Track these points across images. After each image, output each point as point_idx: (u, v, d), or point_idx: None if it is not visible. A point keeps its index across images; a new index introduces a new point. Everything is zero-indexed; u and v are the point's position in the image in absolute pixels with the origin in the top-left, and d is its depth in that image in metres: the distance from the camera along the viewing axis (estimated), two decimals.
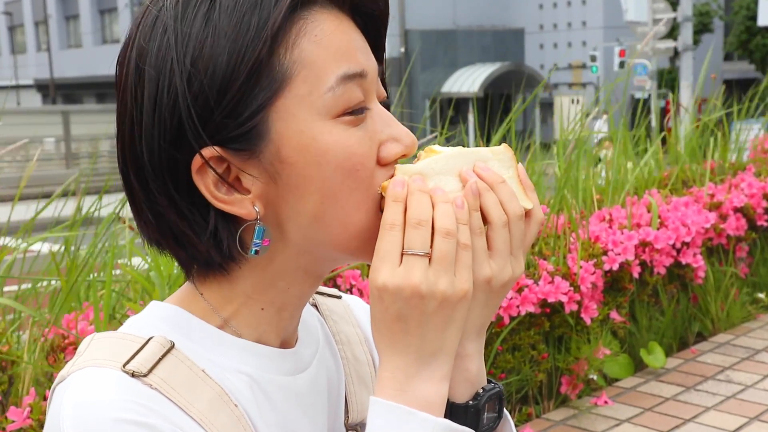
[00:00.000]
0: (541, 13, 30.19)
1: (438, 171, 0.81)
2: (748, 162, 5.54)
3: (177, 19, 0.77)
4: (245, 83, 0.75)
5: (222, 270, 0.83)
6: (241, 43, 0.75)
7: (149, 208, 0.80)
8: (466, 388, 0.85)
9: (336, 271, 3.07)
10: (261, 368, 0.84)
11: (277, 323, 0.86)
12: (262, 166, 0.78)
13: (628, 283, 3.80)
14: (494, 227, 0.81)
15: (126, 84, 0.79)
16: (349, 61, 0.79)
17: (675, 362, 4.18)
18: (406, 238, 0.78)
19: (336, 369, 0.95)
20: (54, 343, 2.44)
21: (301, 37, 0.77)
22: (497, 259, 0.81)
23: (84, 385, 0.76)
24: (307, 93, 0.77)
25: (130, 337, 0.81)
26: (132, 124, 0.78)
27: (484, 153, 0.83)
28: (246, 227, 0.80)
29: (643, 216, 4.11)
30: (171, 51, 0.76)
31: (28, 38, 45.05)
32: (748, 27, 25.85)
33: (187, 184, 0.78)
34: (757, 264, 4.99)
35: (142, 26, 0.79)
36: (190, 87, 0.75)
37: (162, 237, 0.82)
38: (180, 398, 0.77)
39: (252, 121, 0.76)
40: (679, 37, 18.25)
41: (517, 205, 0.82)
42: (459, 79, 27.06)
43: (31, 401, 2.19)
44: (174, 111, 0.76)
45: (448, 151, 0.82)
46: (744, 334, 4.57)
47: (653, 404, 3.70)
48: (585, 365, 3.61)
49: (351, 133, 0.79)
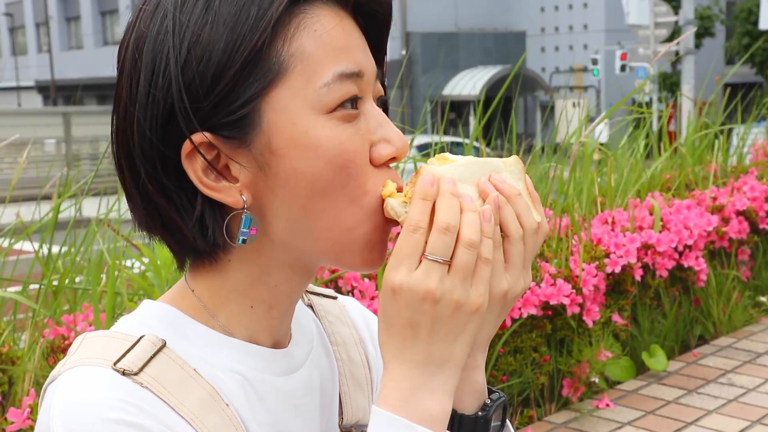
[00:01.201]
0: (543, 16, 30.23)
1: (457, 178, 0.80)
2: (750, 165, 5.54)
3: (177, 5, 0.77)
4: (240, 72, 0.75)
5: (210, 259, 0.82)
6: (239, 31, 0.75)
7: (139, 192, 0.80)
8: (474, 399, 0.86)
9: (337, 272, 3.06)
10: (253, 368, 0.84)
11: (268, 322, 0.86)
12: (252, 156, 0.78)
13: (630, 285, 3.79)
14: (512, 241, 0.81)
15: (123, 67, 0.80)
16: (347, 59, 0.79)
17: (677, 365, 4.17)
18: (431, 242, 0.76)
19: (330, 370, 0.95)
20: (54, 344, 2.43)
21: (300, 30, 0.77)
22: (512, 272, 0.81)
23: (74, 384, 0.76)
24: (302, 86, 0.77)
25: (122, 336, 0.80)
26: (126, 107, 0.79)
27: (497, 164, 0.83)
28: (233, 217, 0.80)
29: (645, 219, 4.10)
30: (168, 36, 0.76)
31: (29, 39, 45.10)
32: (749, 31, 25.86)
33: (176, 169, 0.78)
34: (760, 267, 4.98)
35: (144, 11, 0.79)
36: (185, 72, 0.75)
37: (152, 222, 0.82)
38: (171, 397, 0.77)
39: (244, 110, 0.76)
40: (681, 41, 18.25)
41: (531, 218, 0.82)
42: (460, 81, 27.07)
43: (31, 402, 2.18)
44: (167, 95, 0.76)
45: (461, 159, 0.81)
46: (746, 337, 4.56)
47: (655, 407, 3.68)
48: (587, 368, 3.60)
49: (343, 129, 0.79)
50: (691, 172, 5.11)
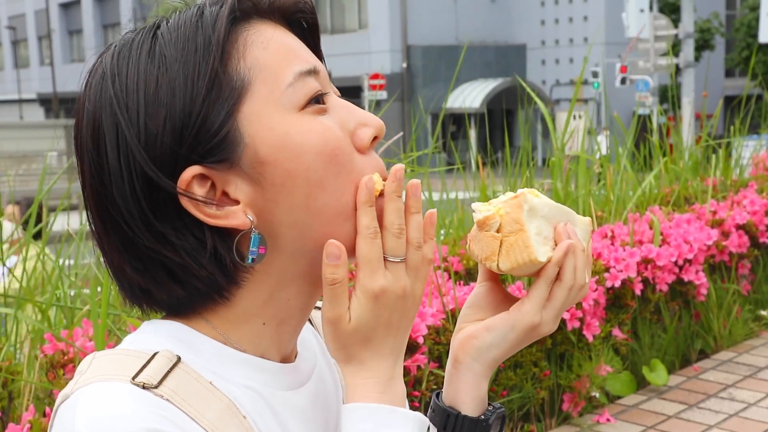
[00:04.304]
0: (543, 29, 30.28)
1: (544, 215, 0.89)
2: (750, 179, 5.54)
3: (121, 67, 0.80)
4: (207, 97, 0.78)
5: (223, 297, 0.83)
6: (193, 61, 0.78)
7: (135, 257, 0.81)
8: (477, 404, 0.91)
9: None
10: (265, 383, 0.85)
11: (278, 338, 0.87)
12: (244, 173, 0.80)
13: (631, 300, 3.79)
14: (562, 286, 0.89)
15: (82, 143, 0.81)
16: (300, 59, 0.83)
17: (677, 380, 4.16)
18: (390, 246, 0.83)
19: (333, 382, 0.96)
20: (54, 360, 2.43)
21: (249, 45, 0.81)
22: (549, 311, 0.89)
23: (96, 399, 0.75)
24: (269, 93, 0.80)
25: (134, 353, 0.81)
26: (100, 179, 0.80)
27: (573, 216, 0.92)
28: (240, 239, 0.81)
29: (645, 233, 4.10)
30: (123, 96, 0.79)
31: (31, 52, 45.20)
32: (749, 44, 25.91)
33: (171, 214, 0.79)
34: (760, 281, 4.97)
35: (91, 86, 0.82)
36: (154, 119, 0.78)
37: (155, 282, 0.82)
38: (191, 409, 0.77)
39: (223, 130, 0.79)
40: (681, 54, 18.28)
41: (584, 276, 0.90)
42: (461, 94, 27.10)
43: (31, 418, 2.18)
44: (144, 148, 0.78)
45: (547, 199, 0.90)
46: (746, 351, 4.55)
47: (656, 422, 3.68)
48: (587, 382, 3.60)
49: (320, 121, 0.82)
50: (690, 186, 5.11)
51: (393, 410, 0.82)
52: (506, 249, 0.86)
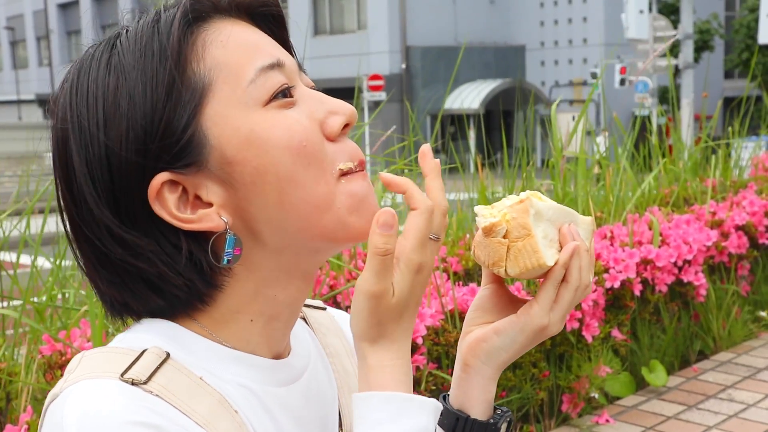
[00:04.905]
0: (542, 30, 30.28)
1: (549, 218, 0.88)
2: (749, 180, 5.54)
3: (81, 81, 0.80)
4: (167, 102, 0.78)
5: (204, 303, 0.83)
6: (150, 68, 0.78)
7: (111, 271, 0.81)
8: (485, 407, 0.91)
9: (336, 289, 3.05)
10: (256, 379, 0.85)
11: (268, 334, 0.86)
12: (213, 175, 0.80)
13: (630, 300, 3.78)
14: (569, 287, 0.88)
15: (54, 159, 0.82)
16: (262, 53, 0.82)
17: (676, 381, 4.16)
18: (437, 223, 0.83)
19: (329, 381, 0.96)
20: (51, 360, 2.42)
21: (207, 45, 0.80)
22: (557, 313, 0.88)
23: (85, 396, 0.75)
24: (231, 92, 0.80)
25: (123, 350, 0.81)
26: (71, 195, 0.81)
27: (576, 216, 0.91)
28: (216, 241, 0.81)
29: (644, 233, 4.10)
30: (84, 111, 0.79)
31: (29, 53, 45.16)
32: (749, 45, 25.91)
33: (143, 222, 0.79)
34: (759, 282, 4.97)
35: (58, 102, 0.82)
36: (116, 129, 0.78)
37: (132, 294, 0.82)
38: (182, 404, 0.77)
39: (187, 133, 0.78)
40: (680, 55, 18.29)
41: (589, 276, 0.90)
42: (460, 95, 27.10)
43: (28, 419, 2.17)
44: (109, 161, 0.78)
45: (550, 201, 0.90)
46: (746, 352, 4.55)
47: (655, 423, 3.67)
48: (586, 383, 3.59)
49: (286, 115, 0.81)
50: (689, 187, 5.11)
51: (409, 398, 0.81)
52: (514, 254, 0.86)
